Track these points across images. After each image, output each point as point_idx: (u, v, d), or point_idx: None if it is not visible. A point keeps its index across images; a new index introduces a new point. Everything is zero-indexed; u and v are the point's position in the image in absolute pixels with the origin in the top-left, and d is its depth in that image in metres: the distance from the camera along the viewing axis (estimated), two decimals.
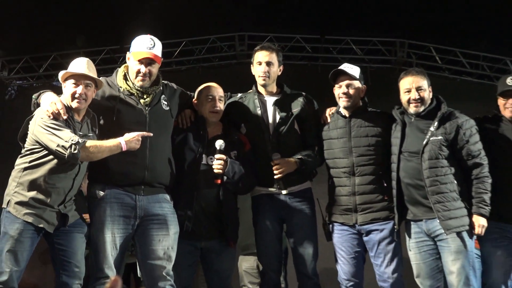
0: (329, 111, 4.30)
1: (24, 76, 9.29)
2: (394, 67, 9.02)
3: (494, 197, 3.86)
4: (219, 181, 3.93)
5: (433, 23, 8.61)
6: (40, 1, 7.53)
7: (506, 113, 4.02)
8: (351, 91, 4.11)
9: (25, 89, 9.33)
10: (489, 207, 3.82)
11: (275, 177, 4.02)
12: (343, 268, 4.08)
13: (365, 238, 4.05)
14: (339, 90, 4.13)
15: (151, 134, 3.79)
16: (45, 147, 3.66)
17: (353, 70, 4.17)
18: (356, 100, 4.14)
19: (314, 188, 4.30)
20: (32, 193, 3.67)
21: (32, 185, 3.68)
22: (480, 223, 3.79)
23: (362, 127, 4.09)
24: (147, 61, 3.91)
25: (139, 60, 3.89)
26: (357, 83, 4.15)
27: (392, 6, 8.20)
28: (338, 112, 4.22)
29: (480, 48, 9.04)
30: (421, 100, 3.96)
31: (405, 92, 4.01)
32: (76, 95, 3.71)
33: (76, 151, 3.53)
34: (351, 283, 4.04)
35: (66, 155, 3.55)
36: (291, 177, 4.08)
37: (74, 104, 3.73)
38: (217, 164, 3.90)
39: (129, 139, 3.66)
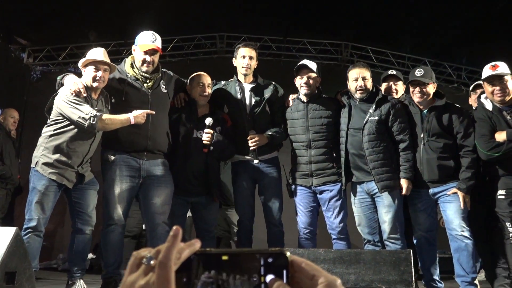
0: (292, 97, 4.27)
1: (45, 63, 9.05)
2: (340, 64, 9.02)
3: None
4: (206, 150, 3.89)
5: (370, 30, 8.64)
6: (61, 3, 7.32)
7: (414, 98, 3.96)
8: (311, 81, 4.06)
9: (46, 74, 9.10)
10: (413, 173, 3.85)
11: (250, 148, 4.00)
12: (301, 219, 4.10)
13: (319, 196, 4.06)
14: (301, 80, 4.08)
15: (154, 112, 3.73)
16: (68, 119, 3.60)
17: (312, 65, 4.12)
18: (313, 89, 4.10)
19: (280, 157, 4.28)
20: (56, 156, 3.61)
21: (56, 149, 3.62)
22: (406, 185, 3.83)
23: (317, 110, 4.06)
24: (151, 52, 3.85)
25: (144, 51, 3.83)
26: (315, 75, 4.10)
27: (340, 16, 8.21)
28: (298, 98, 4.18)
29: (405, 51, 9.12)
30: (365, 88, 3.95)
31: (353, 80, 3.97)
32: (97, 78, 3.67)
33: (94, 122, 3.49)
34: (307, 231, 4.06)
35: (86, 125, 3.50)
36: (263, 148, 4.06)
37: (95, 85, 3.68)
38: (206, 137, 3.86)
39: (137, 115, 3.61)
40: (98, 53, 3.73)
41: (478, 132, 3.77)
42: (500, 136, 3.66)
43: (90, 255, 6.03)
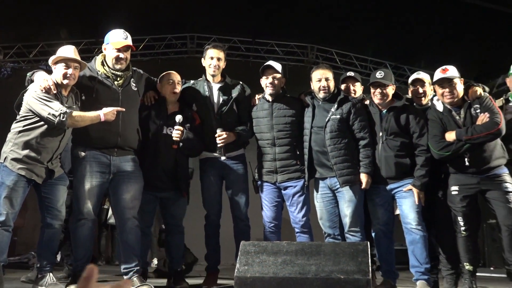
0: (257, 96, 4.30)
1: (16, 60, 8.88)
2: (306, 65, 9.13)
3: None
4: (175, 147, 3.89)
5: (335, 34, 8.77)
6: (33, 1, 7.17)
7: (374, 99, 4.02)
8: (276, 82, 4.09)
9: (17, 70, 8.92)
10: (372, 168, 3.91)
11: (218, 145, 4.01)
12: (266, 213, 4.13)
13: (283, 192, 4.10)
14: (266, 80, 4.11)
15: (124, 109, 3.70)
16: (37, 115, 3.51)
17: (277, 66, 4.16)
18: (278, 89, 4.13)
19: (246, 154, 4.31)
20: (26, 152, 3.52)
21: (26, 145, 3.53)
22: (366, 179, 3.88)
23: (281, 109, 4.10)
24: (124, 48, 3.80)
25: (117, 49, 3.78)
26: (279, 76, 4.14)
27: (306, 19, 8.30)
28: (263, 97, 4.21)
29: (368, 54, 9.31)
30: (328, 88, 4.00)
31: (317, 81, 4.01)
32: (67, 75, 3.59)
33: (64, 119, 3.43)
34: (272, 224, 4.10)
35: (56, 122, 3.44)
36: (230, 145, 4.07)
37: (65, 82, 3.60)
38: (175, 134, 3.86)
39: (107, 112, 3.56)
40: (68, 51, 3.66)
41: (430, 132, 3.87)
42: (450, 136, 3.76)
43: None
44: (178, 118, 3.86)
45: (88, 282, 0.57)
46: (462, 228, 3.74)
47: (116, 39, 3.81)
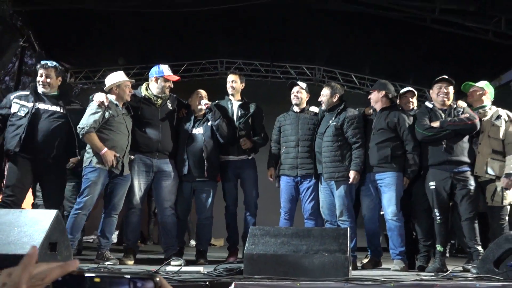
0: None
1: (84, 82, 9.19)
2: (314, 83, 9.16)
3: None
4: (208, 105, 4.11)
5: (338, 57, 8.83)
6: (96, 35, 7.50)
7: (377, 107, 4.09)
8: (299, 95, 4.25)
9: (84, 90, 9.24)
10: (361, 166, 3.90)
11: (244, 148, 4.23)
12: (284, 204, 4.19)
13: (299, 185, 4.16)
14: (293, 94, 4.28)
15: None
16: None
17: (302, 84, 4.35)
18: (303, 102, 4.28)
19: (261, 156, 4.47)
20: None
21: (103, 143, 3.67)
22: (354, 175, 3.88)
23: (306, 118, 4.23)
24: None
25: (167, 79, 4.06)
26: (304, 91, 4.28)
27: (313, 46, 8.39)
28: (291, 110, 4.33)
29: (365, 73, 9.30)
30: (322, 101, 4.21)
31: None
32: (129, 93, 3.90)
33: (82, 132, 3.61)
34: (288, 214, 4.16)
35: (80, 132, 3.64)
36: (246, 150, 4.27)
37: (129, 99, 3.90)
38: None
39: (107, 154, 3.63)
40: (121, 75, 3.92)
41: (418, 119, 3.88)
42: (435, 124, 3.79)
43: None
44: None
45: (29, 260, 0.53)
46: (438, 217, 3.72)
47: (168, 73, 4.06)
